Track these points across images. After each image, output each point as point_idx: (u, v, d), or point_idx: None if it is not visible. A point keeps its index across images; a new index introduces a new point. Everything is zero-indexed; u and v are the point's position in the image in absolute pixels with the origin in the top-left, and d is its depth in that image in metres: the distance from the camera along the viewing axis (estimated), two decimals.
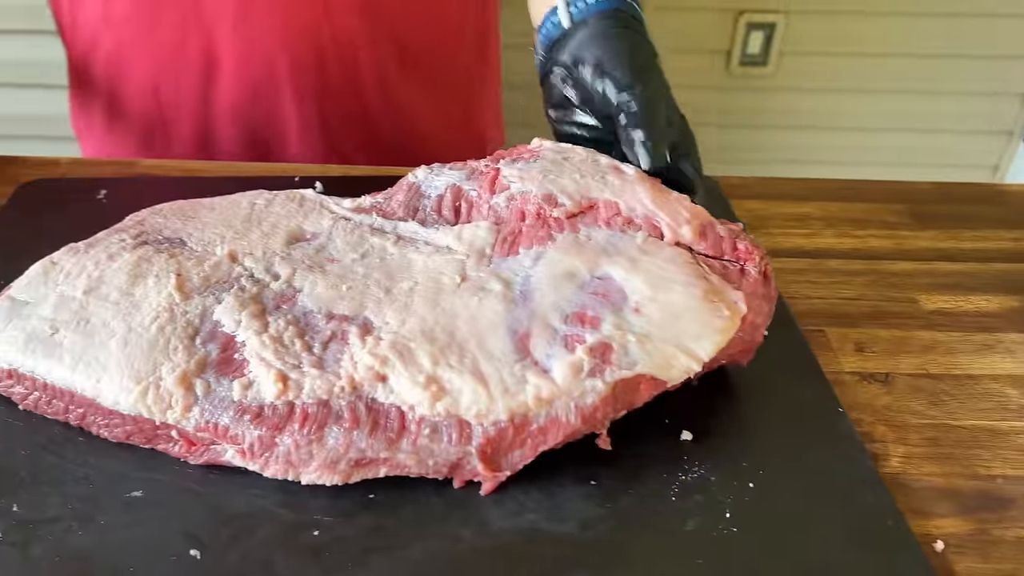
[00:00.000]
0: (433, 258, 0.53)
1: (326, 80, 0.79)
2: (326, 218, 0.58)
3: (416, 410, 0.45)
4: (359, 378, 0.46)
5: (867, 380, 0.57)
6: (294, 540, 0.44)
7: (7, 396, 0.49)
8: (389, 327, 0.49)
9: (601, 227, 0.54)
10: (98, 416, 0.47)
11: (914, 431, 0.54)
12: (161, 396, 0.46)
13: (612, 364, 0.47)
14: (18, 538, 0.43)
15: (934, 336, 0.61)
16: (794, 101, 1.81)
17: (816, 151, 1.86)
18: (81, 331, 0.49)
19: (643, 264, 0.51)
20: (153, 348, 0.48)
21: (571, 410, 0.46)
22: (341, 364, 0.47)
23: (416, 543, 0.44)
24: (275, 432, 0.45)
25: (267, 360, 0.47)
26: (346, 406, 0.46)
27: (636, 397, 0.47)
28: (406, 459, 0.45)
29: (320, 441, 0.45)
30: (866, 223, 0.73)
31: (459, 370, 0.46)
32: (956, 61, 1.76)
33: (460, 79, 0.88)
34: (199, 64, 0.78)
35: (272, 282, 0.53)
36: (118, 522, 0.44)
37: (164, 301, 0.50)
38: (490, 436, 0.45)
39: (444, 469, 0.46)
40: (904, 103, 1.81)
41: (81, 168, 0.73)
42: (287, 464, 0.46)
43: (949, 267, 0.68)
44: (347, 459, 0.45)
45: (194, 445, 0.47)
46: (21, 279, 0.53)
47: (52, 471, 0.46)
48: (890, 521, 0.46)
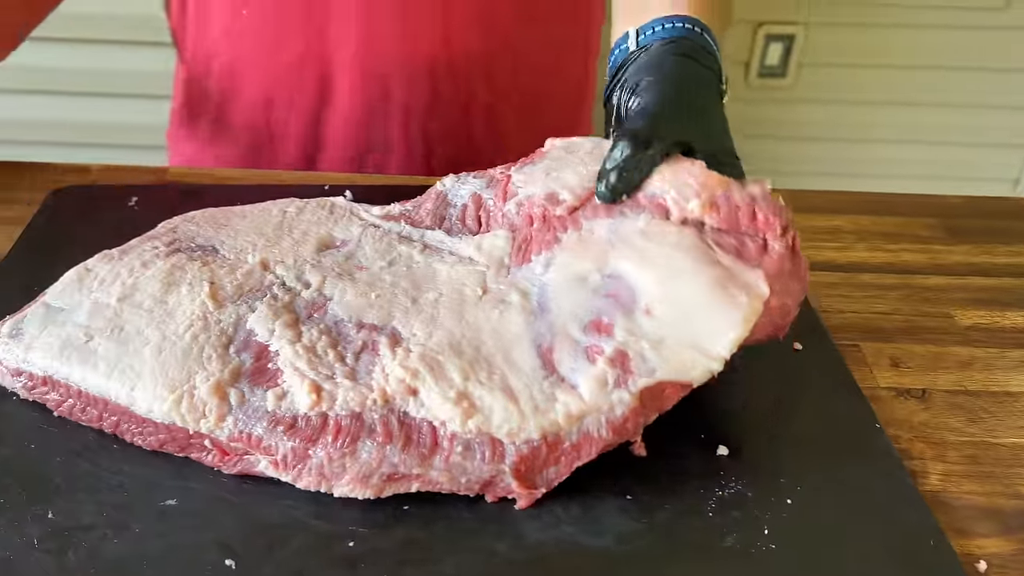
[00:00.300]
0: (456, 268, 0.53)
1: (436, 104, 0.81)
2: (355, 225, 0.58)
3: (448, 426, 0.45)
4: (391, 391, 0.46)
5: (903, 396, 0.57)
6: (328, 551, 0.43)
7: (42, 403, 0.49)
8: (417, 339, 0.48)
9: (602, 217, 0.52)
10: (132, 424, 0.47)
11: (953, 448, 0.53)
12: (195, 405, 0.46)
13: (633, 373, 0.46)
14: (53, 545, 0.42)
15: (971, 352, 0.60)
16: (813, 112, 1.80)
17: (834, 163, 1.85)
18: (115, 339, 0.49)
19: (650, 254, 0.49)
20: (187, 356, 0.48)
21: (602, 424, 0.45)
22: (373, 376, 0.47)
23: (450, 557, 0.43)
24: (308, 444, 0.45)
25: (301, 370, 0.47)
26: (379, 419, 0.45)
27: (664, 402, 0.46)
28: (439, 476, 0.45)
29: (353, 455, 0.45)
30: (898, 237, 0.72)
31: (489, 386, 0.46)
32: (975, 74, 1.75)
33: (557, 114, 0.90)
34: (315, 85, 0.80)
35: (303, 290, 0.52)
36: (153, 530, 0.43)
37: (198, 309, 0.50)
38: (523, 454, 0.44)
39: (476, 486, 0.45)
40: (923, 115, 1.80)
41: (112, 175, 0.73)
42: (320, 476, 0.45)
43: (984, 282, 0.67)
44: (380, 473, 0.45)
45: (228, 455, 0.46)
46: (56, 285, 0.53)
47: (87, 478, 0.46)
48: (932, 540, 0.45)
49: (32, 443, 0.48)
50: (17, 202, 0.67)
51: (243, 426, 0.46)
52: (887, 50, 1.73)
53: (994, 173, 1.86)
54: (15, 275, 0.60)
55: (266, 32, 0.78)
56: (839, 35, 1.73)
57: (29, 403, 0.50)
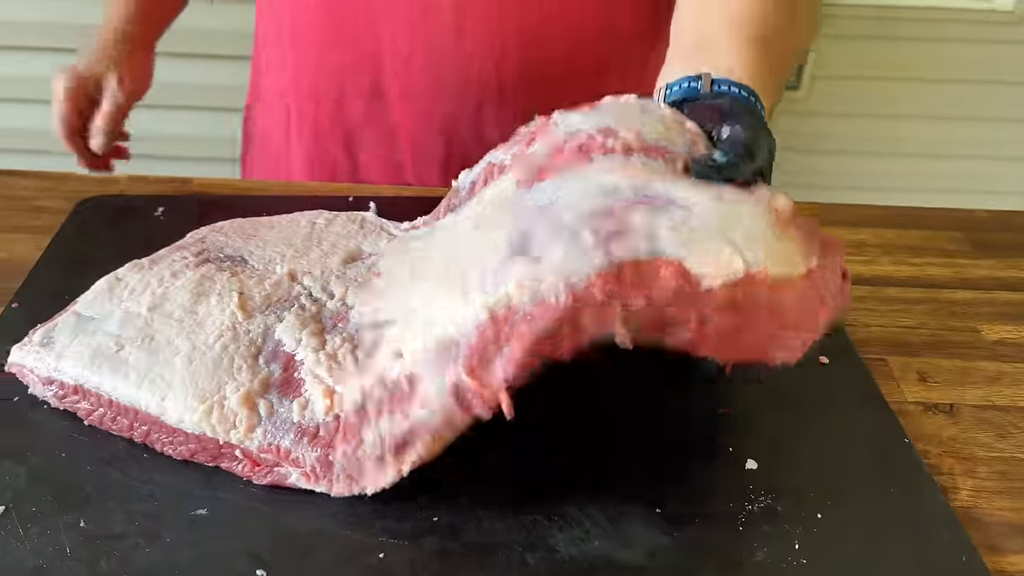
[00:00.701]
0: (457, 227, 0.52)
1: (481, 122, 0.80)
2: (384, 239, 0.58)
3: (411, 360, 0.44)
4: (384, 367, 0.46)
5: (932, 411, 0.56)
6: (360, 561, 0.43)
7: (73, 411, 0.50)
8: (416, 313, 0.47)
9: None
10: (162, 434, 0.48)
11: (983, 464, 0.52)
12: (225, 416, 0.46)
13: (625, 243, 0.40)
14: (86, 554, 0.42)
15: (998, 367, 0.60)
16: (826, 125, 1.80)
17: (847, 175, 1.85)
18: (146, 348, 0.49)
19: (713, 191, 0.43)
20: (217, 367, 0.48)
21: (560, 290, 0.39)
22: (374, 363, 0.47)
23: (480, 569, 0.43)
24: (328, 450, 0.45)
25: (320, 376, 0.47)
26: (374, 401, 0.45)
27: (654, 286, 0.39)
28: (427, 420, 0.43)
29: (360, 444, 0.45)
30: (923, 251, 0.72)
31: (448, 297, 0.43)
32: (987, 87, 1.75)
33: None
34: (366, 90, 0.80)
35: (328, 301, 0.53)
36: (183, 540, 0.44)
37: (227, 320, 0.51)
38: (472, 343, 0.41)
39: (458, 414, 0.42)
40: (936, 128, 1.80)
41: (138, 185, 0.74)
42: (348, 480, 0.45)
43: (1010, 296, 0.67)
44: (387, 449, 0.44)
45: (258, 465, 0.47)
46: (87, 295, 0.53)
47: (117, 487, 0.46)
48: (964, 556, 0.45)
49: (63, 452, 0.48)
50: (46, 211, 0.68)
51: (272, 437, 0.46)
52: (899, 64, 1.73)
53: (1013, 186, 1.85)
54: (45, 283, 0.61)
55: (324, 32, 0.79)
56: (852, 49, 1.73)
57: (60, 412, 0.50)
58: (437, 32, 0.75)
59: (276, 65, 0.83)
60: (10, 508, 0.45)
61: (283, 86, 0.83)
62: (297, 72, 0.81)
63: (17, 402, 0.51)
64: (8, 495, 0.45)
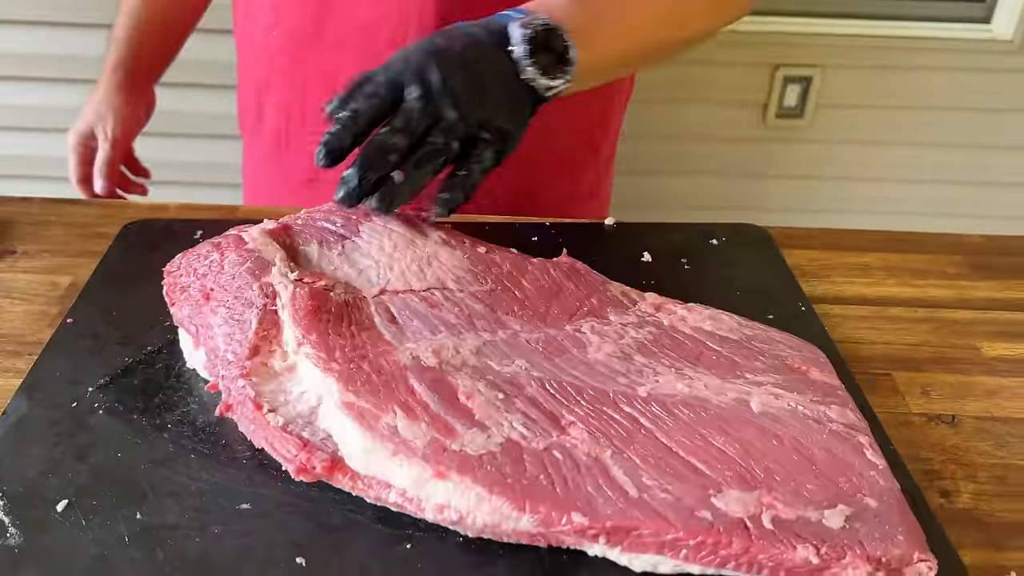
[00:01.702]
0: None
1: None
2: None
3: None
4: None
5: (935, 421, 0.59)
6: (390, 552, 0.46)
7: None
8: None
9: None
10: None
11: (983, 470, 0.55)
12: None
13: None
14: (143, 543, 0.46)
15: (998, 381, 0.63)
16: (830, 152, 1.84)
17: (851, 201, 1.88)
18: None
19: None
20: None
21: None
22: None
23: (503, 560, 0.46)
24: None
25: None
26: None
27: None
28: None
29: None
30: (926, 273, 0.75)
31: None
32: (989, 115, 1.78)
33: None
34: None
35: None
36: (230, 531, 0.47)
37: None
38: None
39: None
40: (939, 156, 1.83)
41: (187, 212, 0.78)
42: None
43: (1009, 316, 0.70)
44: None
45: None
46: None
47: (169, 484, 0.50)
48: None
49: (119, 452, 0.52)
50: (105, 237, 0.72)
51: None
52: (902, 92, 1.77)
53: (1009, 211, 1.88)
54: (96, 301, 0.65)
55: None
56: (855, 77, 1.77)
57: (116, 417, 0.54)
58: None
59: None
60: (73, 502, 0.48)
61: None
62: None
63: (76, 407, 0.54)
64: (71, 491, 0.49)
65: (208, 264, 0.58)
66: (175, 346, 0.59)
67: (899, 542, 0.45)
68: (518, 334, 0.56)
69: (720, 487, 0.46)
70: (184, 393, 0.56)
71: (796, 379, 0.55)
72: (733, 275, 0.71)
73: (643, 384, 0.53)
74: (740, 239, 0.76)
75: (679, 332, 0.58)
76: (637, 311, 0.60)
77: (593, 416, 0.50)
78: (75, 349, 0.59)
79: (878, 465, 0.49)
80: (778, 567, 0.44)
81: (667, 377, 0.54)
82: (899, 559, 0.44)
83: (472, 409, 0.50)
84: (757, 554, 0.44)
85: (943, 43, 1.78)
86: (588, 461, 0.47)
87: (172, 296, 0.59)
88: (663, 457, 0.48)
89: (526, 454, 0.47)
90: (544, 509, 0.45)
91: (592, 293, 0.61)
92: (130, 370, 0.58)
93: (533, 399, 0.51)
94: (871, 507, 0.46)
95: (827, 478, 0.48)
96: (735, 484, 0.47)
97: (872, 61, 1.78)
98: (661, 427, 0.50)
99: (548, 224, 0.77)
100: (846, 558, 0.44)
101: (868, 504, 0.46)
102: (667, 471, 0.47)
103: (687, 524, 0.44)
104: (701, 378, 0.54)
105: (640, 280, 0.67)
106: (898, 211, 1.88)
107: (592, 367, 0.54)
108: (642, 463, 0.48)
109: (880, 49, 1.78)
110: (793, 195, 1.95)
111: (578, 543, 0.46)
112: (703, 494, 0.46)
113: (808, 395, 0.53)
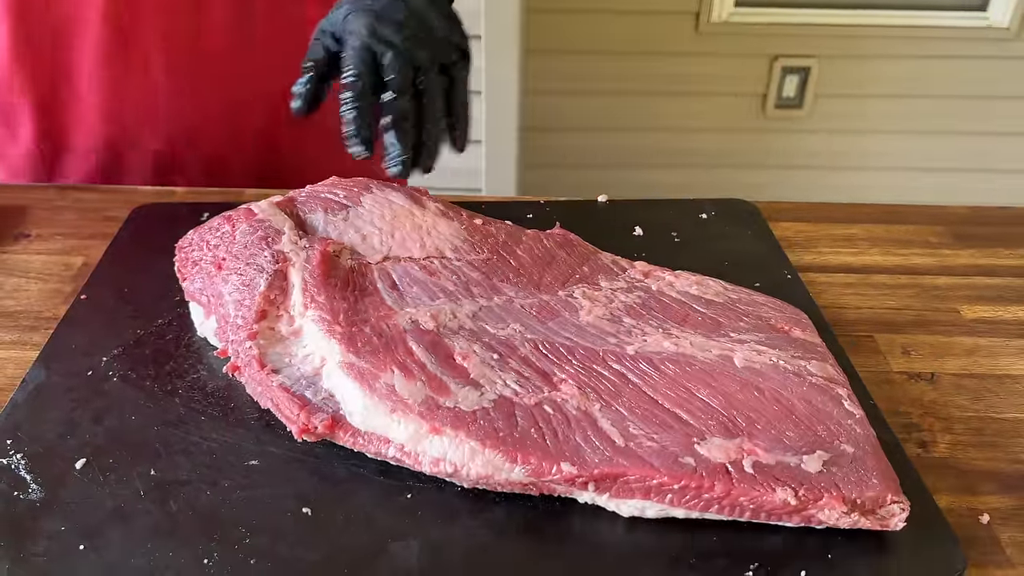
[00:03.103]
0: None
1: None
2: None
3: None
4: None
5: (914, 379, 0.61)
6: (392, 501, 0.49)
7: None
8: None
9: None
10: None
11: (960, 422, 0.57)
12: None
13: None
14: (157, 496, 0.49)
15: (976, 341, 0.65)
16: (828, 142, 1.86)
17: (850, 190, 1.90)
18: None
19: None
20: None
21: None
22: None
23: (499, 506, 0.49)
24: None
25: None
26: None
27: None
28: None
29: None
30: (909, 243, 0.77)
31: None
32: (987, 102, 1.80)
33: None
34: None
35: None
36: (239, 484, 0.50)
37: None
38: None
39: None
40: (938, 143, 1.85)
41: (194, 197, 0.81)
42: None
43: (989, 281, 0.72)
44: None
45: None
46: None
47: (181, 444, 0.52)
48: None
49: (133, 415, 0.54)
50: (115, 220, 0.75)
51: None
52: (900, 80, 1.79)
53: (1006, 199, 1.91)
54: (106, 279, 0.67)
55: None
56: (853, 67, 1.79)
57: (130, 383, 0.56)
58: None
59: None
60: (91, 461, 0.51)
61: None
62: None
63: (91, 375, 0.57)
64: (88, 450, 0.52)
65: (220, 235, 0.61)
66: (185, 319, 0.62)
67: (873, 485, 0.47)
68: (513, 300, 0.58)
69: (703, 435, 0.49)
70: (194, 361, 0.59)
71: (778, 337, 0.57)
72: (722, 247, 0.74)
73: (631, 343, 0.55)
74: (729, 213, 0.79)
75: (666, 296, 0.60)
76: (627, 277, 0.63)
77: (583, 373, 0.53)
78: (89, 323, 0.62)
79: (855, 415, 0.51)
80: (759, 509, 0.47)
81: (654, 337, 0.56)
82: (873, 501, 0.47)
83: (467, 369, 0.52)
84: (738, 496, 0.46)
85: (940, 31, 1.80)
86: (577, 415, 0.50)
87: (184, 271, 0.62)
88: (649, 409, 0.50)
89: (518, 409, 0.50)
90: (535, 460, 0.48)
91: (584, 261, 0.64)
92: (142, 341, 0.60)
93: (526, 359, 0.53)
94: (847, 453, 0.49)
95: (806, 426, 0.50)
96: (718, 432, 0.49)
97: (870, 51, 1.80)
98: (648, 381, 0.52)
99: (543, 202, 0.80)
100: (823, 499, 0.46)
101: (845, 450, 0.49)
102: (653, 421, 0.50)
103: (671, 470, 0.47)
104: (687, 337, 0.56)
105: (632, 252, 0.69)
106: (896, 200, 1.90)
107: (583, 329, 0.56)
108: (629, 415, 0.50)
109: (878, 38, 1.80)
110: (793, 184, 1.97)
111: (568, 491, 0.49)
112: (687, 441, 0.48)
113: (790, 351, 0.55)
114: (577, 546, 0.47)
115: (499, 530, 0.48)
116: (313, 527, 0.47)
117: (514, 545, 0.47)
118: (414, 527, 0.48)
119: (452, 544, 0.47)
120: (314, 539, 0.47)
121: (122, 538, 0.46)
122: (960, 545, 0.47)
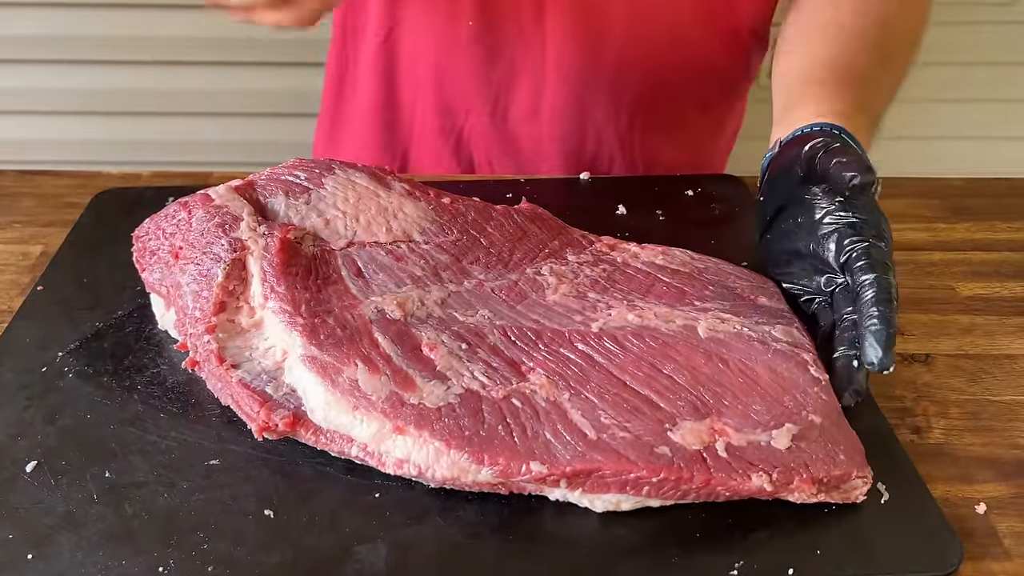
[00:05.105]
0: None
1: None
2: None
3: None
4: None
5: (908, 360, 0.59)
6: (359, 500, 0.47)
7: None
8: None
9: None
10: None
11: (955, 406, 0.55)
12: None
13: None
14: (111, 500, 0.46)
15: (972, 320, 0.63)
16: None
17: None
18: None
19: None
20: None
21: None
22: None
23: (471, 505, 0.46)
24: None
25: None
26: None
27: None
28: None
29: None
30: (903, 217, 0.74)
31: None
32: (983, 68, 1.76)
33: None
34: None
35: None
36: (198, 486, 0.47)
37: None
38: None
39: None
40: (935, 110, 1.81)
41: (159, 180, 0.78)
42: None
43: (984, 256, 0.69)
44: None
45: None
46: None
47: (138, 443, 0.50)
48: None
49: (88, 414, 0.52)
50: (77, 207, 0.72)
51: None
52: None
53: (1005, 169, 1.88)
54: (66, 268, 0.65)
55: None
56: None
57: (85, 380, 0.54)
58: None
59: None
60: (42, 463, 0.48)
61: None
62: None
63: (45, 372, 0.55)
64: (39, 451, 0.49)
65: (176, 223, 0.58)
66: (145, 310, 0.59)
67: (840, 462, 0.46)
68: (483, 283, 0.56)
69: (675, 419, 0.47)
70: (154, 355, 0.56)
71: (743, 304, 0.56)
72: (708, 224, 0.71)
73: (596, 319, 0.53)
74: (716, 190, 0.76)
75: (631, 267, 0.59)
76: (593, 251, 0.61)
77: (551, 359, 0.50)
78: (45, 316, 0.59)
79: (820, 380, 0.50)
80: (734, 495, 0.45)
81: (619, 310, 0.54)
82: (839, 479, 0.46)
83: (434, 360, 0.50)
84: (716, 486, 0.45)
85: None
86: (547, 407, 0.47)
87: (142, 262, 0.59)
88: (618, 392, 0.48)
89: (485, 404, 0.47)
90: (503, 460, 0.45)
91: (554, 236, 0.62)
92: (100, 334, 0.58)
93: (495, 347, 0.51)
94: (815, 424, 0.48)
95: (773, 398, 0.49)
96: (688, 414, 0.47)
97: None
98: (614, 361, 0.50)
99: (523, 180, 0.77)
100: (794, 483, 0.45)
101: (812, 421, 0.48)
102: (623, 407, 0.47)
103: (648, 462, 0.45)
104: (651, 308, 0.54)
105: (615, 232, 0.66)
106: (892, 172, 1.86)
107: (550, 308, 0.54)
108: (599, 401, 0.48)
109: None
110: None
111: (539, 489, 0.46)
112: (659, 428, 0.46)
113: (754, 318, 0.54)
114: (552, 544, 0.45)
115: (471, 530, 0.45)
116: (275, 530, 0.45)
117: (486, 545, 0.45)
118: (382, 528, 0.45)
119: (421, 545, 0.45)
120: (276, 542, 0.44)
121: (73, 546, 0.44)
122: (956, 537, 0.45)
